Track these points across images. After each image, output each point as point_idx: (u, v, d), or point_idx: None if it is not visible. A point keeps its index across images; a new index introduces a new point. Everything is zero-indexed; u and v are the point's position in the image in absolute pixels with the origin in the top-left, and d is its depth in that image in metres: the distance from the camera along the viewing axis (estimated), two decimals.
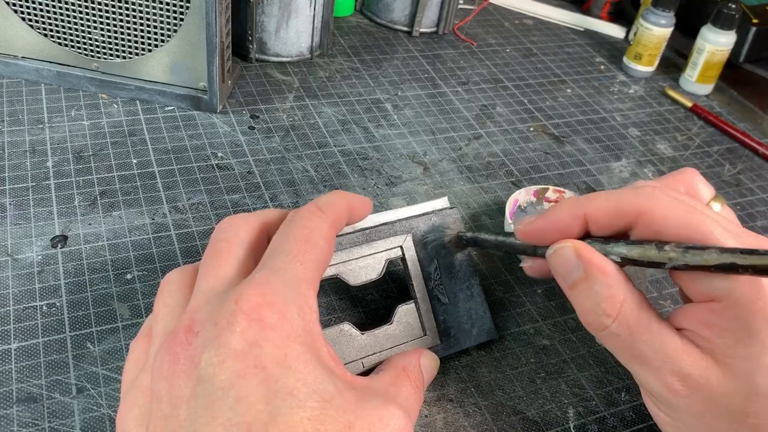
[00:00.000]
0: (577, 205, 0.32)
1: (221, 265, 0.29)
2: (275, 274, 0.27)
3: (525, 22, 0.84)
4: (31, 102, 0.54)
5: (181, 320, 0.27)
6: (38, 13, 0.52)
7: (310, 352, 0.26)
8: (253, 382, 0.24)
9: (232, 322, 0.25)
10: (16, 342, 0.36)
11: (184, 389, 0.25)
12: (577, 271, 0.30)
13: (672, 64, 0.79)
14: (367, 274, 0.37)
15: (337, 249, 0.37)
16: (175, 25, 0.52)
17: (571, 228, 0.32)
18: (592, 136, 0.63)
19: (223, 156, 0.52)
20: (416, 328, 0.38)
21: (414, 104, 0.63)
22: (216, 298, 0.27)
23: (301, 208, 0.31)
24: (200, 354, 0.25)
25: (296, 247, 0.29)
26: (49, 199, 0.46)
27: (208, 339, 0.25)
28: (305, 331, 0.27)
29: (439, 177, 0.54)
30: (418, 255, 0.39)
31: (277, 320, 0.26)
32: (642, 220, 0.30)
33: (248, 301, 0.26)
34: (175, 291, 0.30)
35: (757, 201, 0.59)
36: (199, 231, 0.45)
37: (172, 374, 0.25)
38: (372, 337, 0.36)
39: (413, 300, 0.38)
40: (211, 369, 0.24)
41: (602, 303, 0.29)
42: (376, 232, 0.38)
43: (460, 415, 0.37)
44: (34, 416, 0.33)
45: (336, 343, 0.35)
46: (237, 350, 0.25)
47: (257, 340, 0.25)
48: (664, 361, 0.29)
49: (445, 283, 0.39)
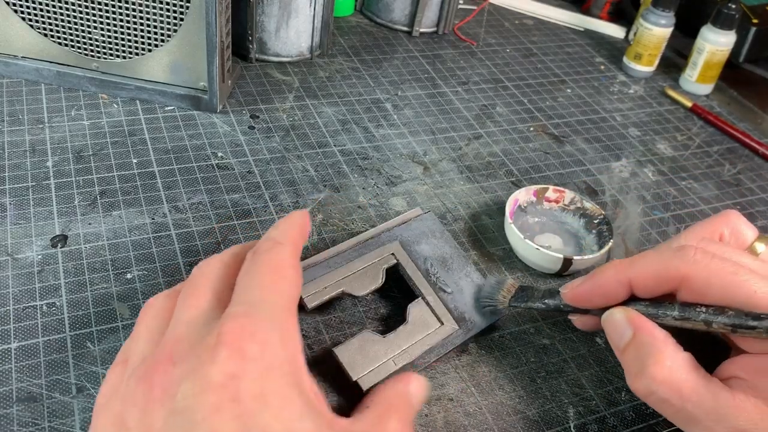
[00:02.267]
0: (621, 270, 0.33)
1: (199, 296, 0.30)
2: (253, 306, 0.28)
3: (525, 22, 0.84)
4: (31, 102, 0.54)
5: (161, 349, 0.27)
6: (38, 13, 0.52)
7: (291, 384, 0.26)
8: (227, 416, 0.24)
9: (214, 354, 0.25)
10: (16, 341, 0.36)
11: (156, 420, 0.24)
12: (627, 335, 0.31)
13: (672, 64, 0.79)
14: (370, 284, 0.40)
15: (335, 268, 0.40)
16: (175, 25, 0.52)
17: (616, 292, 0.33)
18: (592, 136, 0.63)
19: (223, 156, 0.52)
20: (432, 320, 0.39)
21: (414, 104, 0.63)
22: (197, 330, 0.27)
23: (259, 243, 0.31)
24: (178, 385, 0.25)
25: (267, 280, 0.29)
26: (49, 199, 0.46)
27: (188, 371, 0.25)
28: (288, 360, 0.26)
29: (439, 177, 0.54)
30: (410, 256, 0.41)
31: (258, 351, 0.26)
32: (686, 285, 0.31)
33: (230, 333, 0.26)
34: (158, 316, 0.30)
35: (757, 201, 0.59)
36: (199, 231, 0.45)
37: (146, 403, 0.25)
38: (394, 338, 0.38)
39: (420, 296, 0.40)
40: (187, 401, 0.24)
41: (650, 368, 0.30)
42: (365, 246, 0.41)
43: (460, 415, 0.37)
44: (34, 416, 0.33)
45: (361, 350, 0.37)
46: (215, 383, 0.24)
47: (236, 372, 0.25)
48: (718, 421, 0.29)
49: (443, 275, 0.41)
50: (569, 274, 0.46)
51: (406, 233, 0.43)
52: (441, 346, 0.38)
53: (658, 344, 0.30)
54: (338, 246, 0.41)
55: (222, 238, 0.45)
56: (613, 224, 0.49)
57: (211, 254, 0.43)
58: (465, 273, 0.42)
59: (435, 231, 0.44)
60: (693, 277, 0.30)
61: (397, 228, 0.43)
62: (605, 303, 0.33)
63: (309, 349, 0.39)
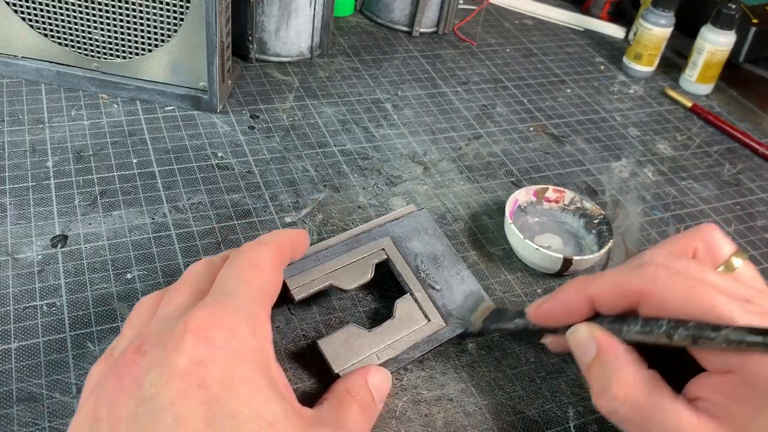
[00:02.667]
0: (582, 287, 0.32)
1: (180, 294, 0.30)
2: (225, 297, 0.28)
3: (525, 22, 0.84)
4: (31, 102, 0.54)
5: (132, 343, 0.27)
6: (38, 13, 0.52)
7: (259, 371, 0.26)
8: (194, 402, 0.24)
9: (180, 342, 0.25)
10: (16, 342, 0.36)
11: (124, 410, 0.25)
12: (591, 352, 0.31)
13: (672, 64, 0.79)
14: (359, 278, 0.40)
15: (324, 261, 0.39)
16: (175, 25, 0.52)
17: (579, 309, 0.32)
18: (592, 136, 0.63)
19: (223, 156, 0.52)
20: (418, 316, 0.39)
21: (414, 104, 0.63)
22: (168, 321, 0.27)
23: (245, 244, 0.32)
24: (145, 374, 0.25)
25: (244, 273, 0.30)
26: (49, 199, 0.46)
27: (155, 359, 0.25)
28: (257, 350, 0.27)
29: (439, 177, 0.54)
30: (401, 252, 0.42)
31: (225, 339, 0.26)
32: (645, 300, 0.30)
33: (197, 322, 0.26)
34: (143, 315, 0.30)
35: (757, 201, 0.59)
36: (199, 230, 0.45)
37: (115, 394, 0.25)
38: (379, 333, 0.38)
39: (408, 292, 0.40)
40: (154, 389, 0.24)
41: (612, 387, 0.30)
42: (356, 241, 0.41)
43: (460, 415, 0.37)
44: (35, 416, 0.33)
45: (346, 343, 0.37)
46: (182, 370, 0.25)
47: (203, 359, 0.25)
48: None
49: (433, 272, 0.41)
50: (569, 274, 0.46)
51: (398, 229, 0.43)
52: (426, 342, 0.38)
53: (619, 363, 0.30)
54: (329, 240, 0.41)
55: (222, 238, 0.45)
56: (612, 224, 0.49)
57: (212, 254, 0.43)
58: (456, 271, 0.42)
59: (428, 228, 0.44)
60: (651, 292, 0.30)
61: (389, 224, 0.43)
62: (569, 320, 0.33)
63: (304, 337, 0.39)
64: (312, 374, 0.37)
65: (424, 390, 0.38)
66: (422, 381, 0.38)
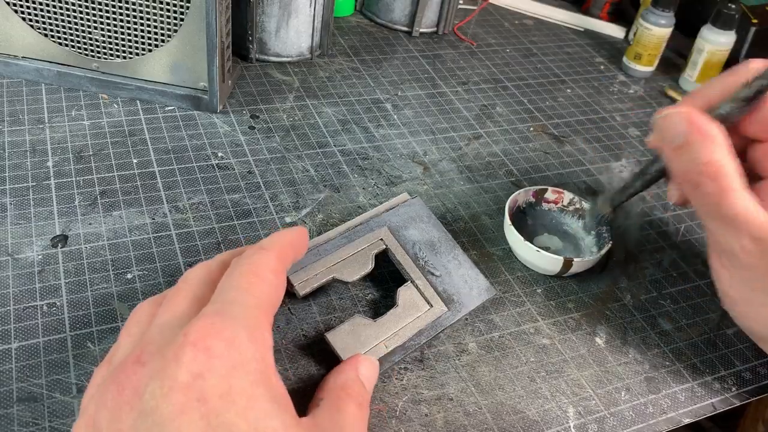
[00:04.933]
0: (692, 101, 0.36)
1: (179, 302, 0.30)
2: (225, 306, 0.28)
3: (525, 22, 0.84)
4: (31, 102, 0.54)
5: (132, 352, 0.27)
6: (38, 13, 0.52)
7: (258, 382, 0.26)
8: (194, 416, 0.24)
9: (179, 353, 0.25)
10: (16, 341, 0.36)
11: (125, 421, 0.25)
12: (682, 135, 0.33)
13: (672, 64, 0.79)
14: (360, 270, 0.41)
15: (324, 255, 0.40)
16: (175, 25, 0.52)
17: None
18: (592, 136, 0.63)
19: (224, 156, 0.52)
20: (421, 303, 0.40)
21: (414, 104, 0.63)
22: (168, 330, 0.27)
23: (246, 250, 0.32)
24: (145, 385, 0.25)
25: (243, 281, 0.29)
26: (50, 199, 0.46)
27: (155, 370, 0.25)
28: (256, 359, 0.26)
29: (439, 177, 0.54)
30: (399, 241, 0.42)
31: (224, 348, 0.26)
32: None
33: (196, 332, 0.26)
34: (141, 321, 0.30)
35: None
36: (199, 231, 0.45)
37: (116, 405, 0.25)
38: (385, 322, 0.38)
39: (409, 280, 0.41)
40: (154, 402, 0.24)
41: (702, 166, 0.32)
42: (354, 233, 0.42)
43: (460, 414, 0.37)
44: (35, 416, 0.33)
45: (353, 334, 0.37)
46: (181, 383, 0.25)
47: (202, 371, 0.25)
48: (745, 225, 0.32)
49: (431, 259, 0.42)
50: (569, 275, 0.46)
51: (395, 219, 0.44)
52: (431, 328, 0.39)
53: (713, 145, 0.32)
54: (327, 233, 0.42)
55: (222, 238, 0.45)
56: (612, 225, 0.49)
57: (212, 254, 0.44)
58: (453, 256, 0.43)
59: (423, 216, 0.45)
60: None
61: (385, 214, 0.44)
62: None
63: (304, 337, 0.39)
64: (312, 375, 0.37)
65: (424, 389, 0.38)
66: (422, 380, 0.38)
